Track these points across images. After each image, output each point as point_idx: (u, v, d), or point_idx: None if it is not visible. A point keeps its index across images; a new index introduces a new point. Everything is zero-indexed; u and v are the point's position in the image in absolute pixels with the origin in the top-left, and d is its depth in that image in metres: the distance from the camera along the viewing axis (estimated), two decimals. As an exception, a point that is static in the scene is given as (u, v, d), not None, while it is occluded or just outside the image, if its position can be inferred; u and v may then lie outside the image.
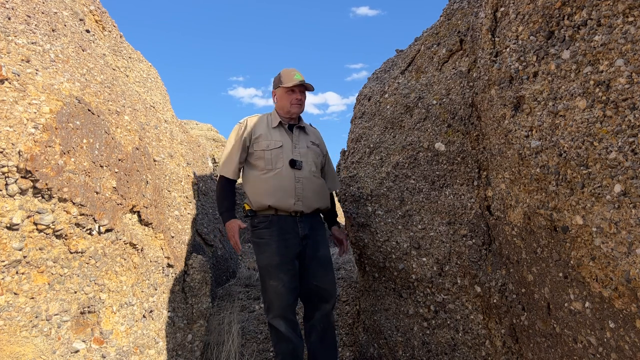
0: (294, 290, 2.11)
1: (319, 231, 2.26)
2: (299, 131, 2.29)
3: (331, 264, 2.26)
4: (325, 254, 2.24)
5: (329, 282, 2.20)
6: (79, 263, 1.56)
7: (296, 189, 2.14)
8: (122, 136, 1.94)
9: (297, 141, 2.25)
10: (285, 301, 2.08)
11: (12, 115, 1.35)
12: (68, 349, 1.50)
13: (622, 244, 1.05)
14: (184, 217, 2.64)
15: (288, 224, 2.13)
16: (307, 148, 2.26)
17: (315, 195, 2.21)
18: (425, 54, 2.39)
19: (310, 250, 2.18)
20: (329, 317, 2.20)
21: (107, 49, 2.54)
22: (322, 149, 2.37)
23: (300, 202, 2.15)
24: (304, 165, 2.18)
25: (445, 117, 2.08)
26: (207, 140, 6.76)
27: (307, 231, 2.17)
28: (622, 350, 1.10)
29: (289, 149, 2.20)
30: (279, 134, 2.23)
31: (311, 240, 2.18)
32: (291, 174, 2.15)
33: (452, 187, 2.03)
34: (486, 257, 1.88)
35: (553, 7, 1.28)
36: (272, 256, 2.10)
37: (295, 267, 2.13)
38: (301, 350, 2.11)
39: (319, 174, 2.28)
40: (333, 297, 2.21)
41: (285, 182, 2.13)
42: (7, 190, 1.31)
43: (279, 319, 2.08)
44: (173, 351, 2.10)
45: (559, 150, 1.24)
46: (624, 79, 1.05)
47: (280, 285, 2.07)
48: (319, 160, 2.29)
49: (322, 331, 2.16)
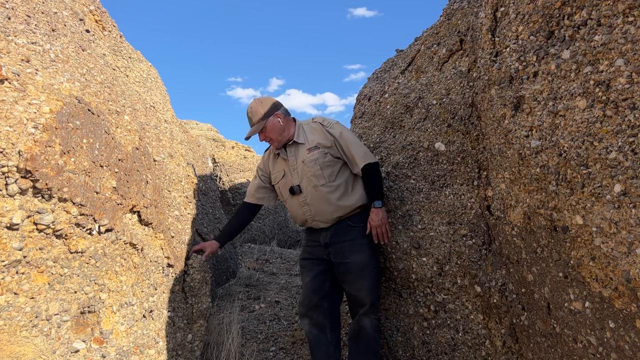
0: (317, 292, 2.15)
1: (346, 237, 2.11)
2: (293, 149, 2.17)
3: (366, 270, 2.08)
4: (356, 259, 2.08)
5: (359, 288, 2.08)
6: (79, 263, 1.56)
7: (305, 213, 2.16)
8: (122, 136, 1.94)
9: (292, 163, 2.16)
10: (307, 301, 2.17)
11: (12, 115, 1.35)
12: (68, 349, 1.50)
13: (622, 244, 1.05)
14: (184, 217, 2.64)
15: (316, 233, 2.21)
16: (302, 164, 2.11)
17: (327, 208, 2.09)
18: (425, 54, 2.39)
19: (335, 257, 2.13)
20: (361, 322, 2.09)
21: (107, 49, 2.54)
22: (326, 142, 2.13)
23: (315, 221, 2.16)
24: (302, 186, 2.11)
25: (445, 117, 2.08)
26: (207, 140, 6.76)
27: (329, 239, 2.13)
28: (622, 350, 1.10)
29: (289, 175, 2.18)
30: (279, 164, 2.24)
31: (333, 248, 2.12)
32: (295, 201, 2.17)
33: (452, 187, 2.03)
34: (486, 257, 1.88)
35: (553, 7, 1.28)
36: (300, 260, 2.30)
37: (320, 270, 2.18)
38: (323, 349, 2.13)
39: (326, 180, 2.08)
40: (366, 303, 2.07)
41: (294, 210, 2.21)
42: (7, 190, 1.31)
43: (302, 317, 2.21)
44: (173, 351, 2.10)
45: (559, 150, 1.24)
46: (624, 79, 1.05)
47: (303, 285, 2.23)
48: (317, 166, 2.08)
49: (355, 336, 2.10)
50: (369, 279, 2.08)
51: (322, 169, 2.08)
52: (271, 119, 2.12)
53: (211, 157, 6.41)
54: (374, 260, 2.13)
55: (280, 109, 2.19)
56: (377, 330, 2.12)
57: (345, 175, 2.13)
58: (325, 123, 2.19)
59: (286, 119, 2.19)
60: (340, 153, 2.12)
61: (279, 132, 2.14)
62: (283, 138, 2.15)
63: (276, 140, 2.15)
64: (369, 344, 2.08)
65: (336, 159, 2.12)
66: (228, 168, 6.47)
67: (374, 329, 2.08)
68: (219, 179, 6.32)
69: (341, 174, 2.12)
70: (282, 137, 2.15)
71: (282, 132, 2.14)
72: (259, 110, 2.14)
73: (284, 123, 2.16)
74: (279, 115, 2.16)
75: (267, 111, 2.14)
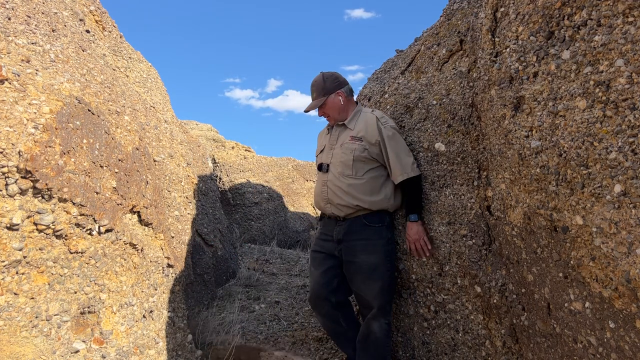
0: (325, 286, 2.15)
1: (359, 236, 2.06)
2: (339, 130, 2.19)
3: (376, 272, 2.02)
4: (366, 260, 2.03)
5: (367, 289, 2.04)
6: (79, 263, 1.56)
7: (322, 193, 2.15)
8: (122, 136, 1.94)
9: (333, 142, 2.18)
10: (315, 296, 2.19)
11: (12, 116, 1.35)
12: (68, 349, 1.50)
13: (622, 244, 1.05)
14: (184, 217, 2.64)
15: (330, 226, 2.19)
16: (340, 147, 2.11)
17: (344, 197, 2.04)
18: (425, 54, 2.39)
19: (345, 255, 2.10)
20: (371, 326, 2.04)
21: (107, 49, 2.54)
22: (368, 139, 2.06)
23: (329, 205, 2.13)
24: (330, 167, 2.12)
25: (445, 118, 2.08)
26: (207, 140, 6.76)
27: (342, 236, 2.10)
28: (622, 351, 1.10)
29: (326, 152, 2.20)
30: (325, 138, 2.27)
31: (345, 245, 2.09)
32: (320, 179, 2.19)
33: (452, 187, 2.03)
34: (486, 257, 1.87)
35: (553, 7, 1.28)
36: (311, 252, 2.28)
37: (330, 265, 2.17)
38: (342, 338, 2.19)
39: (354, 172, 2.04)
40: (374, 306, 2.03)
41: (317, 188, 2.22)
42: (7, 191, 1.31)
43: (314, 310, 2.26)
44: (173, 351, 2.10)
45: (559, 150, 1.24)
46: (624, 79, 1.05)
47: (311, 279, 2.24)
48: (351, 156, 2.04)
49: (364, 339, 2.06)
50: (379, 281, 2.02)
51: (354, 162, 2.05)
52: (332, 97, 2.15)
53: (211, 157, 6.41)
54: (387, 264, 2.05)
55: (343, 88, 2.19)
56: (388, 335, 2.05)
57: (376, 174, 2.08)
58: (382, 120, 2.11)
59: (348, 99, 2.20)
60: (381, 155, 2.07)
61: (338, 110, 2.16)
62: (340, 117, 2.18)
63: (333, 118, 2.18)
64: (377, 349, 2.03)
65: (373, 159, 2.07)
66: (228, 168, 6.47)
67: (383, 334, 2.03)
68: (219, 179, 6.32)
69: (372, 172, 2.07)
70: (339, 117, 2.18)
71: (340, 111, 2.17)
72: (322, 85, 2.16)
73: (345, 103, 2.17)
74: (341, 94, 2.17)
75: (331, 88, 2.15)
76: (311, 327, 2.95)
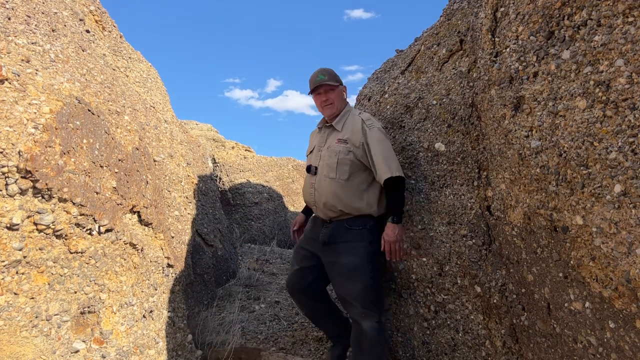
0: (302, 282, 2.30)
1: (341, 238, 2.08)
2: (328, 131, 2.23)
3: (356, 274, 2.02)
4: (348, 261, 2.04)
5: (348, 291, 2.04)
6: (79, 263, 1.56)
7: (310, 195, 2.21)
8: (122, 136, 1.94)
9: (321, 143, 2.23)
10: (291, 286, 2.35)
11: (12, 115, 1.35)
12: (68, 349, 1.50)
13: (622, 244, 1.05)
14: (184, 217, 2.64)
15: (317, 228, 2.25)
16: (327, 149, 2.14)
17: (330, 200, 2.06)
18: (425, 54, 2.39)
19: (328, 256, 2.14)
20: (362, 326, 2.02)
21: (107, 49, 2.54)
22: (353, 142, 2.08)
23: (315, 207, 2.21)
24: (318, 170, 2.16)
25: (445, 117, 2.08)
26: (207, 140, 6.76)
27: (327, 238, 2.12)
28: (622, 351, 1.10)
29: (315, 153, 2.24)
30: (316, 139, 2.32)
31: (330, 248, 2.12)
32: (308, 180, 2.24)
33: (452, 187, 2.03)
34: (486, 257, 1.87)
35: (553, 7, 1.28)
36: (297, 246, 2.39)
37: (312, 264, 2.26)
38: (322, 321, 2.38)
39: (337, 175, 2.06)
40: (356, 307, 2.02)
41: (305, 188, 2.28)
42: (7, 190, 1.31)
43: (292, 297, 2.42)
44: (173, 351, 2.10)
45: (559, 150, 1.24)
46: (624, 79, 1.05)
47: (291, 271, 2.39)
48: (335, 159, 2.07)
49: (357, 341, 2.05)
50: (360, 282, 2.01)
51: (338, 164, 2.07)
52: (341, 87, 2.26)
53: (211, 157, 6.41)
54: (369, 265, 2.04)
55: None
56: (380, 334, 2.03)
57: (359, 179, 2.08)
58: (368, 122, 2.12)
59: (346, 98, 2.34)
60: (365, 157, 2.07)
61: (340, 102, 2.23)
62: (337, 110, 2.22)
63: (335, 106, 2.21)
64: (371, 348, 2.02)
65: (358, 162, 2.07)
66: (228, 168, 6.46)
67: (375, 333, 2.01)
68: (219, 179, 6.32)
69: (355, 176, 2.07)
70: (337, 110, 2.22)
71: (341, 104, 2.24)
72: (334, 74, 2.25)
73: (344, 100, 2.29)
74: (344, 90, 2.31)
75: (340, 81, 2.27)
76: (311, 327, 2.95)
